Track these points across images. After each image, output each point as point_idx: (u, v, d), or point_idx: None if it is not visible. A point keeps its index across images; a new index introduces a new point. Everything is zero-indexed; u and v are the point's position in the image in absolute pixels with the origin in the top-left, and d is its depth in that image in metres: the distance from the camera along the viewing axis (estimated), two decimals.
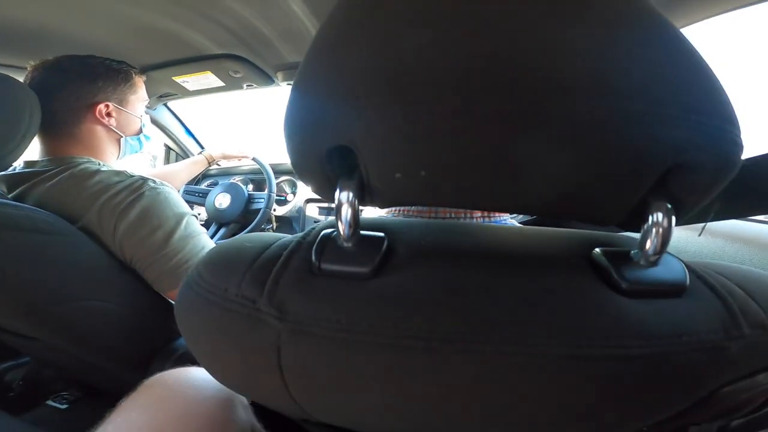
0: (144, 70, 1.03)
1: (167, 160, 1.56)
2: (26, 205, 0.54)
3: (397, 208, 0.48)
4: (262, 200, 1.33)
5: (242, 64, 1.02)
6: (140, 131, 0.77)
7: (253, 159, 1.32)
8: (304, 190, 1.51)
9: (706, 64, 0.21)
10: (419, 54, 0.20)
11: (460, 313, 0.22)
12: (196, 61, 1.01)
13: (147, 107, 0.85)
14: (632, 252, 0.24)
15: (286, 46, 0.91)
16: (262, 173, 1.40)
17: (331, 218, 0.28)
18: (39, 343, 0.58)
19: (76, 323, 0.55)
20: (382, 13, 0.22)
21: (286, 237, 0.28)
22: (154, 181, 0.64)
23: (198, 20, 0.80)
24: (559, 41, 0.19)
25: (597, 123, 0.19)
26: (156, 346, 0.63)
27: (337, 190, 0.23)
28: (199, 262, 0.27)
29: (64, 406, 0.75)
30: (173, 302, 0.67)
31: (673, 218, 0.21)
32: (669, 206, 0.21)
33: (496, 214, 0.45)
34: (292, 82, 0.96)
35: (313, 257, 0.24)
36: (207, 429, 0.32)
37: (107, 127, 0.70)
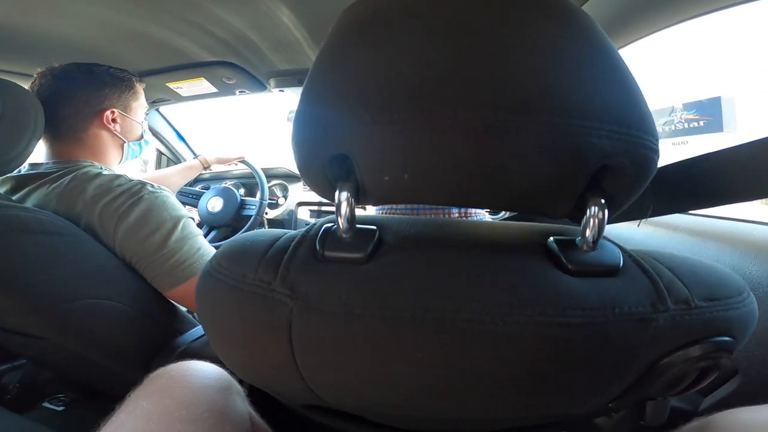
0: (140, 76, 1.05)
1: (158, 165, 1.58)
2: (34, 208, 0.56)
3: (385, 209, 0.52)
4: (254, 206, 1.36)
5: (235, 71, 1.05)
6: (141, 136, 0.80)
7: (246, 163, 1.34)
8: (296, 194, 1.54)
9: (632, 78, 0.26)
10: (400, 76, 0.24)
11: (436, 288, 0.26)
12: (190, 67, 1.03)
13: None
14: (577, 239, 0.28)
15: (278, 55, 0.95)
16: (253, 177, 1.42)
17: (329, 217, 0.32)
18: (46, 342, 0.60)
19: (84, 321, 0.57)
20: (371, 40, 0.26)
21: (291, 232, 0.32)
22: (152, 186, 0.67)
23: (191, 30, 0.83)
24: (518, 66, 0.24)
25: (542, 135, 0.23)
26: (158, 344, 0.65)
27: (337, 191, 0.27)
28: (216, 254, 0.31)
29: (61, 408, 0.75)
30: (172, 301, 0.69)
31: (606, 211, 0.25)
32: (603, 201, 0.25)
33: (472, 213, 0.50)
34: (284, 89, 0.99)
35: (317, 246, 0.28)
36: (209, 414, 0.34)
37: (112, 133, 0.73)
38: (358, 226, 0.29)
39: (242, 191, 1.51)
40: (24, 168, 0.70)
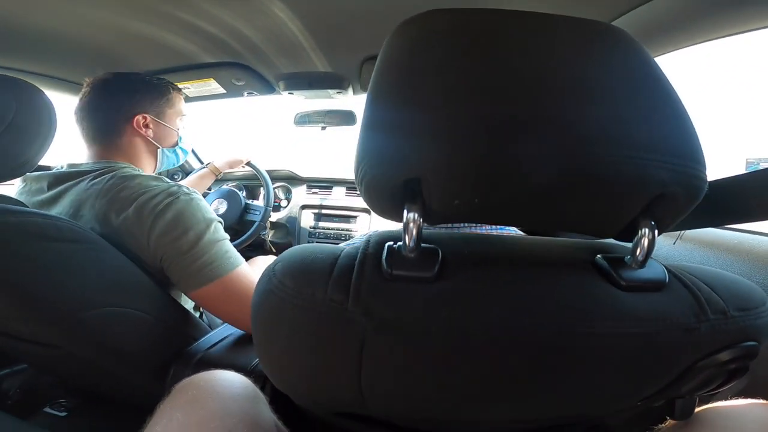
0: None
1: None
2: (52, 215, 0.54)
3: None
4: (258, 211, 1.34)
5: (245, 73, 1.03)
6: (177, 144, 0.83)
7: (252, 166, 1.32)
8: (298, 197, 1.53)
9: (684, 108, 0.28)
10: (478, 110, 0.26)
11: (503, 307, 0.28)
12: (199, 68, 1.02)
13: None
14: (626, 258, 0.31)
15: (283, 58, 0.94)
16: (255, 179, 1.41)
17: (382, 231, 0.33)
18: (57, 350, 0.58)
19: (101, 330, 0.56)
20: (441, 65, 0.27)
21: (347, 248, 0.32)
22: (188, 188, 0.68)
23: (191, 32, 0.82)
24: (590, 104, 0.26)
25: (611, 166, 0.25)
26: (175, 352, 0.64)
27: (405, 212, 0.28)
28: (276, 271, 0.31)
29: (63, 414, 0.74)
30: (193, 302, 0.68)
31: (656, 232, 0.28)
32: (653, 223, 0.28)
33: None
34: (293, 92, 0.97)
35: (384, 265, 0.29)
36: (242, 423, 0.35)
37: (145, 138, 0.77)
38: (422, 245, 0.30)
39: (244, 193, 1.50)
40: (63, 166, 0.72)
